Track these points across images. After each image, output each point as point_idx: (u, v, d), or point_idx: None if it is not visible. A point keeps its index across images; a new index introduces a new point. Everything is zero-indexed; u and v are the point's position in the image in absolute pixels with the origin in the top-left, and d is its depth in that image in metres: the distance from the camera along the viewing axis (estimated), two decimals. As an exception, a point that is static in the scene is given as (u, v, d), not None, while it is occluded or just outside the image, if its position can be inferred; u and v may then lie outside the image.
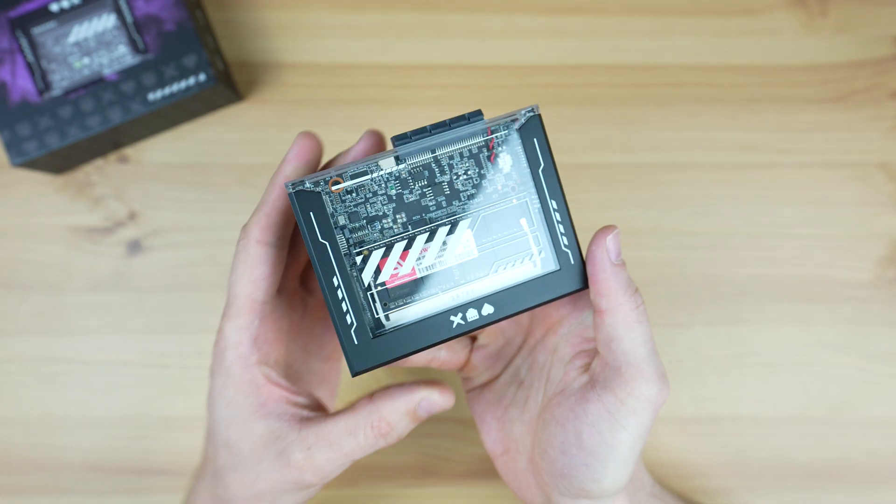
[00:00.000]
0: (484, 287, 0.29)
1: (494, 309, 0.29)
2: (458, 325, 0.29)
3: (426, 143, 0.28)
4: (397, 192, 0.29)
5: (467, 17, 0.51)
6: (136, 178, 0.49)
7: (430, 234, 0.29)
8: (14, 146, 0.44)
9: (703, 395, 0.48)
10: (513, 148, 0.29)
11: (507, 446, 0.35)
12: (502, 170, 0.29)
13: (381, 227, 0.28)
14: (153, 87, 0.45)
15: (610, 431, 0.29)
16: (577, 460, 0.30)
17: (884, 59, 0.50)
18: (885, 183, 0.49)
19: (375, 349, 0.28)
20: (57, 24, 0.45)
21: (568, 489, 0.31)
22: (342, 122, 0.49)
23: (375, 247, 0.28)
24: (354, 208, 0.28)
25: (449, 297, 0.29)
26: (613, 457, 0.29)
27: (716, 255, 0.49)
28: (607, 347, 0.29)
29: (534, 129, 0.29)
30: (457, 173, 0.29)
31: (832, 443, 0.47)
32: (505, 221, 0.29)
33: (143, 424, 0.47)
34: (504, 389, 0.35)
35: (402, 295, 0.29)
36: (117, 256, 0.48)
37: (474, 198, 0.29)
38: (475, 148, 0.29)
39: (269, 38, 0.50)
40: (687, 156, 0.50)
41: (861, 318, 0.48)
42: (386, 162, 0.28)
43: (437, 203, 0.29)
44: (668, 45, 0.51)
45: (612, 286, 0.29)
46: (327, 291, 0.28)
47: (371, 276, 0.28)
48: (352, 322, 0.28)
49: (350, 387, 0.47)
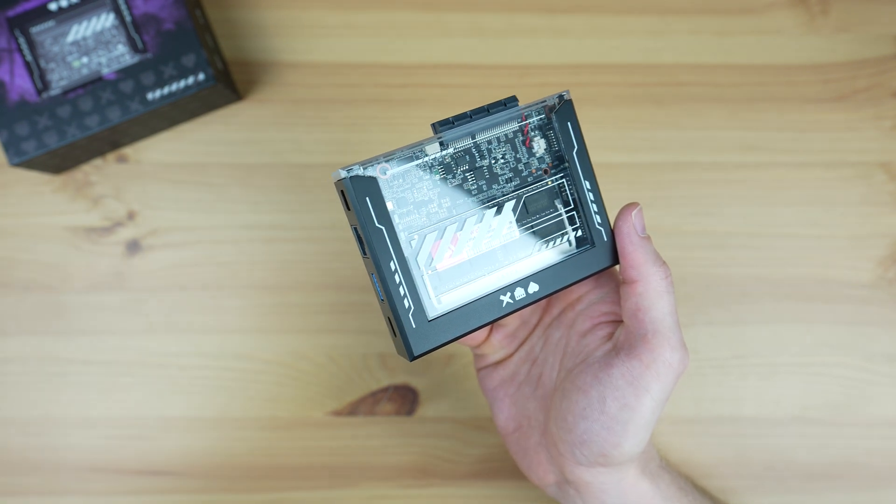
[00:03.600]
0: (527, 267, 0.30)
1: (539, 287, 0.30)
2: (508, 304, 0.29)
3: (468, 129, 0.29)
4: (441, 177, 0.29)
5: (467, 17, 0.51)
6: (135, 177, 0.49)
7: (479, 217, 0.30)
8: (12, 146, 0.44)
9: (704, 395, 0.48)
10: (545, 132, 0.31)
11: (520, 422, 0.36)
12: (536, 153, 0.30)
13: (428, 211, 0.29)
14: (152, 86, 0.45)
15: (634, 395, 0.30)
16: (599, 424, 0.31)
17: (885, 58, 0.50)
18: (886, 182, 0.49)
19: (432, 332, 0.28)
20: (55, 24, 0.45)
21: (586, 457, 0.32)
22: (342, 122, 0.49)
23: (429, 230, 0.29)
24: (402, 194, 0.28)
25: (495, 278, 0.30)
26: (635, 420, 0.30)
27: (716, 256, 0.49)
28: (634, 316, 0.31)
29: (567, 114, 0.30)
30: (495, 157, 0.30)
31: (833, 443, 0.47)
32: (542, 203, 0.30)
33: (142, 425, 0.47)
34: (518, 367, 0.36)
35: (453, 278, 0.29)
36: (116, 256, 0.48)
37: (512, 181, 0.30)
38: (511, 133, 0.30)
39: (269, 38, 0.50)
40: (687, 155, 0.50)
41: (862, 319, 0.48)
42: (431, 147, 0.29)
43: (478, 187, 0.30)
44: (669, 45, 0.51)
45: (641, 257, 0.30)
46: (385, 275, 0.28)
47: (425, 260, 0.29)
48: (409, 306, 0.28)
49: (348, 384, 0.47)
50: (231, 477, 0.47)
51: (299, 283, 0.48)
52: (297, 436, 0.47)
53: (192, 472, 0.46)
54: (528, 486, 0.47)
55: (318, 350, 0.48)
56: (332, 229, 0.48)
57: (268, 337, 0.48)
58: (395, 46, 0.50)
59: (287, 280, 0.48)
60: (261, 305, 0.48)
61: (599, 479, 0.33)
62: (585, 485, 0.34)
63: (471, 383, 0.48)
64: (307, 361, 0.48)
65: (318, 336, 0.48)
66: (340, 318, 0.48)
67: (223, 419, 0.47)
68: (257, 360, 0.47)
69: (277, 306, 0.48)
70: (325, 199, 0.48)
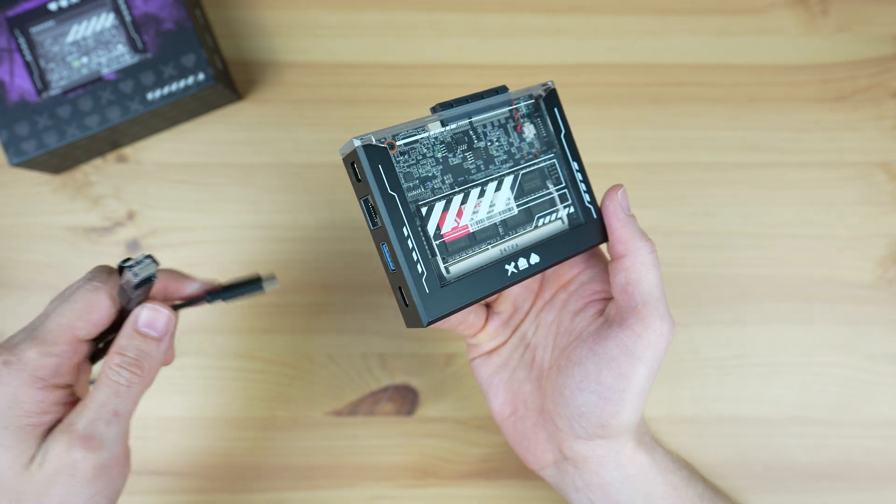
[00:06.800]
0: (526, 240, 0.32)
1: (540, 258, 0.32)
2: (513, 274, 0.31)
3: (465, 109, 0.31)
4: (443, 155, 0.31)
5: (467, 16, 0.51)
6: (135, 177, 0.49)
7: (480, 190, 0.32)
8: (12, 145, 0.44)
9: (704, 395, 0.48)
10: (534, 119, 0.33)
11: (516, 406, 0.37)
12: (526, 139, 0.33)
13: (433, 186, 0.31)
14: (152, 86, 0.45)
15: (629, 364, 0.32)
16: (596, 395, 0.32)
17: (885, 58, 0.50)
18: (886, 182, 0.49)
19: (443, 298, 0.29)
20: (55, 23, 0.45)
21: (585, 429, 0.33)
22: (341, 122, 0.49)
23: (437, 200, 0.30)
24: (408, 169, 0.30)
25: (498, 250, 0.31)
26: (631, 388, 0.32)
27: (716, 255, 0.49)
28: (624, 290, 0.32)
29: (553, 101, 0.33)
30: (490, 140, 0.32)
31: (833, 443, 0.47)
32: (535, 182, 0.33)
33: (142, 425, 0.47)
34: (511, 353, 0.37)
35: (458, 249, 0.31)
36: (116, 256, 0.48)
37: (507, 163, 0.32)
38: (503, 118, 0.33)
39: (269, 38, 0.50)
40: (687, 155, 0.50)
41: (862, 319, 0.48)
42: (433, 125, 0.31)
43: (476, 166, 0.32)
44: (669, 45, 0.51)
45: (628, 233, 0.32)
46: (397, 242, 0.29)
47: (433, 231, 0.30)
48: (422, 271, 0.29)
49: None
50: (231, 477, 0.47)
51: (299, 283, 0.48)
52: (297, 436, 0.47)
53: (192, 472, 0.46)
54: (530, 486, 0.47)
55: (318, 350, 0.48)
56: (331, 229, 0.48)
57: (268, 337, 0.48)
58: (394, 46, 0.50)
59: (287, 280, 0.48)
60: (261, 305, 0.48)
61: (597, 452, 0.34)
62: (583, 460, 0.34)
63: (471, 383, 0.48)
64: (307, 361, 0.48)
65: (318, 336, 0.48)
66: (340, 318, 0.48)
67: (223, 419, 0.47)
68: (257, 360, 0.47)
69: (277, 306, 0.48)
70: (325, 199, 0.48)
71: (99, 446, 0.31)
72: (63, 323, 0.31)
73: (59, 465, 0.30)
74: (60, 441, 0.30)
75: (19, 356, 0.30)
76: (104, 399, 0.31)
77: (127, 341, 0.32)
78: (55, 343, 0.31)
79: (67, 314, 0.31)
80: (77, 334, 0.32)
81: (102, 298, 0.32)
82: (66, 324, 0.31)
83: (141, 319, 0.33)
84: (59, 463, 0.30)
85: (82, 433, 0.30)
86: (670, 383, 0.48)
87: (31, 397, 0.30)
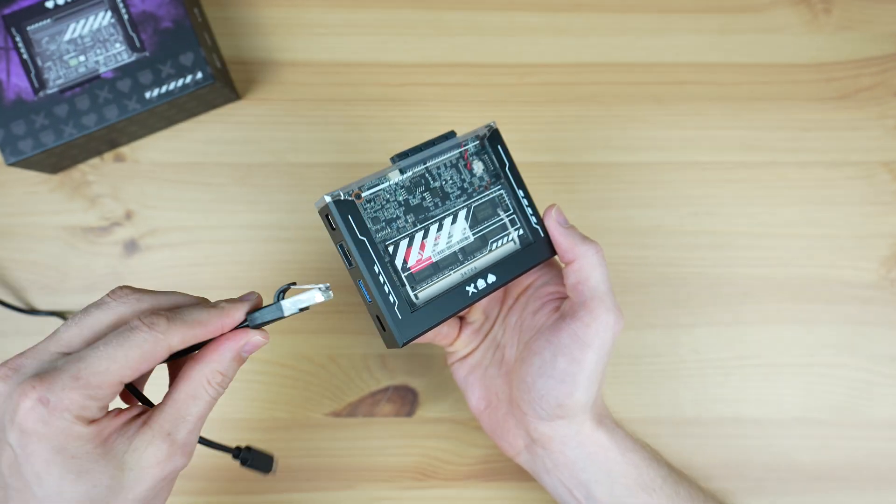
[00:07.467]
0: (483, 263, 0.36)
1: (496, 277, 0.36)
2: (473, 293, 0.36)
3: (421, 156, 0.36)
4: (404, 198, 0.35)
5: (467, 15, 0.50)
6: (133, 177, 0.48)
7: (439, 225, 0.36)
8: (9, 145, 0.44)
9: (706, 396, 0.47)
10: (481, 157, 0.38)
11: (490, 400, 0.41)
12: (476, 174, 0.37)
13: (398, 226, 0.35)
14: (150, 85, 0.44)
15: (580, 350, 0.36)
16: (554, 379, 0.36)
17: (888, 56, 0.50)
18: (889, 182, 0.49)
19: (415, 321, 0.34)
20: (52, 22, 0.45)
21: (545, 410, 0.37)
22: (340, 121, 0.49)
23: (401, 238, 0.35)
24: (374, 213, 0.34)
25: (459, 275, 0.36)
26: (582, 371, 0.36)
27: (718, 255, 0.48)
28: (575, 288, 0.37)
29: (496, 139, 0.38)
30: (444, 179, 0.36)
31: (835, 444, 0.47)
32: (487, 211, 0.37)
33: (140, 426, 0.46)
34: (484, 354, 0.42)
35: (424, 277, 0.35)
36: (114, 256, 0.48)
37: (460, 196, 0.37)
38: (454, 159, 0.37)
39: (268, 36, 0.50)
40: (688, 155, 0.49)
41: (865, 319, 0.48)
42: (393, 174, 0.35)
43: (434, 203, 0.36)
44: (670, 43, 0.50)
45: (571, 241, 0.37)
46: (370, 278, 0.33)
47: (400, 265, 0.34)
48: (394, 301, 0.34)
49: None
50: (231, 477, 0.46)
51: (298, 283, 0.48)
52: (296, 436, 0.47)
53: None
54: (529, 487, 0.46)
55: (318, 350, 0.47)
56: (331, 229, 0.48)
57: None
58: (394, 45, 0.50)
59: (286, 280, 0.47)
60: (259, 306, 0.48)
61: (560, 431, 0.38)
62: (548, 439, 0.38)
63: (471, 384, 0.47)
64: (307, 362, 0.47)
65: (318, 336, 0.48)
66: (340, 318, 0.48)
67: (223, 419, 0.47)
68: (257, 360, 0.47)
69: (276, 306, 0.48)
70: (324, 198, 0.48)
71: (192, 453, 0.32)
72: (113, 370, 0.29)
73: (161, 473, 0.31)
74: (161, 449, 0.31)
75: (59, 396, 0.29)
76: (201, 412, 0.32)
77: (230, 363, 0.32)
78: (100, 387, 0.29)
79: (120, 361, 0.29)
80: (124, 381, 0.30)
81: (162, 352, 0.30)
82: (116, 371, 0.30)
83: (251, 345, 0.33)
84: (160, 471, 0.31)
85: (181, 443, 0.31)
86: (671, 384, 0.47)
87: (79, 433, 0.29)
